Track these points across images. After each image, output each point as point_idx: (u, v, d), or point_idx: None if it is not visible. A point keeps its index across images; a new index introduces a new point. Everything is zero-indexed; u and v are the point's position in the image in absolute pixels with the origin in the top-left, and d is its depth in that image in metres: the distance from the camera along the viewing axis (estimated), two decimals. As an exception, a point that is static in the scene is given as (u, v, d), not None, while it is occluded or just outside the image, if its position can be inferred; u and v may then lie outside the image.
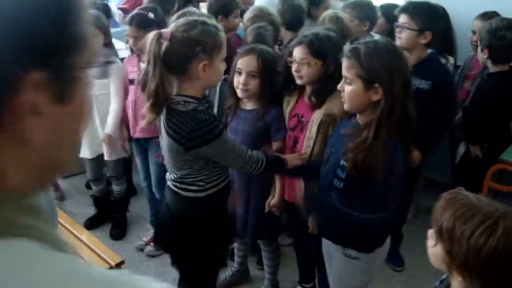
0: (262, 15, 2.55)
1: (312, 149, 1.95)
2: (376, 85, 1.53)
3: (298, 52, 1.91)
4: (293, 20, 2.75)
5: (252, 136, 2.03)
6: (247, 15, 2.63)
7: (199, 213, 1.78)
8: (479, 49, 2.51)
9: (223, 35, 1.66)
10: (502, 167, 2.51)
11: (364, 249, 1.69)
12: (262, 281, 2.49)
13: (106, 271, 0.44)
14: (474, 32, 2.79)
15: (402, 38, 2.30)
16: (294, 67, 1.93)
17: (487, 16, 2.70)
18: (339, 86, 1.63)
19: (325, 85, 1.88)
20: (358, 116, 1.66)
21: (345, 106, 1.64)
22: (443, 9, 2.77)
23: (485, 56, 2.44)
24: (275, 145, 2.07)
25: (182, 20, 1.62)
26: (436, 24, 2.33)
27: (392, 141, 1.54)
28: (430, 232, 1.19)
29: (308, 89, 1.98)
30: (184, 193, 1.75)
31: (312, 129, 1.95)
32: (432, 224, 1.17)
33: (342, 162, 1.63)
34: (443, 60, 2.80)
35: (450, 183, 2.97)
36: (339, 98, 1.70)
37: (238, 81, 1.98)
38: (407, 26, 2.27)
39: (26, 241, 0.40)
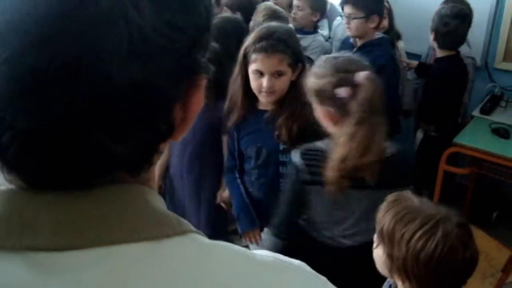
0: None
1: None
2: (300, 64, 1.62)
3: None
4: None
5: (204, 129, 1.96)
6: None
7: None
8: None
9: None
10: (456, 150, 2.56)
11: None
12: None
13: (262, 252, 0.46)
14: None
15: (351, 27, 2.34)
16: None
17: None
18: (270, 86, 1.60)
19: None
20: (264, 104, 1.69)
21: (273, 99, 1.65)
22: None
23: (431, 38, 2.49)
24: (225, 138, 2.01)
25: None
26: (379, 6, 2.39)
27: None
28: (375, 236, 1.17)
29: None
30: None
31: None
32: (376, 226, 1.14)
33: (282, 146, 1.66)
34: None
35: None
36: None
37: None
38: (353, 16, 2.30)
39: (197, 235, 0.43)
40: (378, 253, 1.14)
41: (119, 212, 0.39)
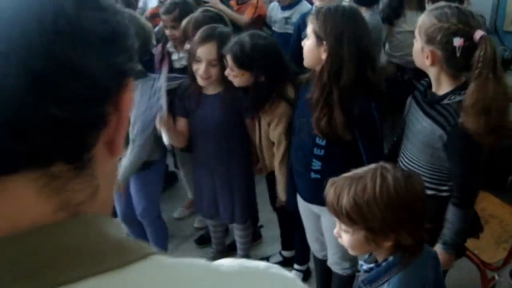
0: None
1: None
2: (324, 42, 1.57)
3: (228, 59, 1.87)
4: None
5: (225, 121, 2.02)
6: None
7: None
8: None
9: None
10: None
11: None
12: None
13: (226, 262, 0.47)
14: None
15: None
16: (226, 71, 1.89)
17: None
18: (303, 42, 1.67)
19: (258, 97, 1.89)
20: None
21: (304, 61, 1.68)
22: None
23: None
24: (248, 122, 2.06)
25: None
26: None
27: (364, 103, 1.60)
28: (336, 229, 1.20)
29: None
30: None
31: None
32: (336, 218, 1.17)
33: None
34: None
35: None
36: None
37: (198, 68, 1.93)
38: None
39: (158, 256, 0.43)
40: (354, 238, 1.14)
41: (77, 247, 0.39)
